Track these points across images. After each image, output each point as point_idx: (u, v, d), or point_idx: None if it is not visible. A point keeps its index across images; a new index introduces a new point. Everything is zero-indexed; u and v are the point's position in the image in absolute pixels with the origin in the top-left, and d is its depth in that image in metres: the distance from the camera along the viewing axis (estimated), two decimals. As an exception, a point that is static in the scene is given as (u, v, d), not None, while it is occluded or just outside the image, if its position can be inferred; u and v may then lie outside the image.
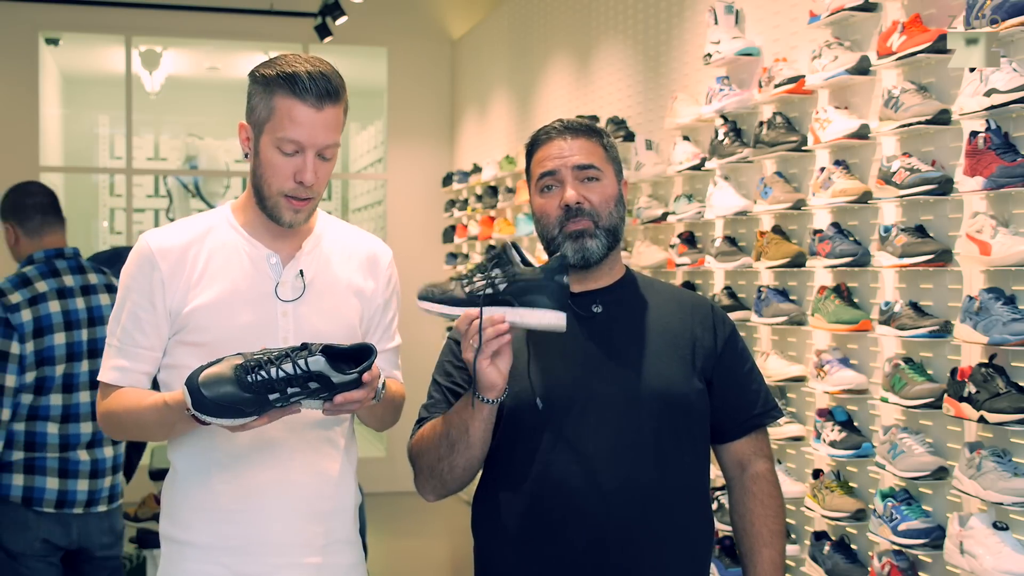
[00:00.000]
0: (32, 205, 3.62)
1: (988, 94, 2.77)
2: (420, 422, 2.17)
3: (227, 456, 2.05)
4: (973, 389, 2.78)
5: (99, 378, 2.10)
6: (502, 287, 1.94)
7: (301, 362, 1.83)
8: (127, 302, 2.07)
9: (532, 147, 2.18)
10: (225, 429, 1.90)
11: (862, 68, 3.39)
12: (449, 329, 3.23)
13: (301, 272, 2.09)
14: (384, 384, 2.04)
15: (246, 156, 2.08)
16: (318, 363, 1.84)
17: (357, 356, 1.90)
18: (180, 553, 2.07)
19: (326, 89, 1.99)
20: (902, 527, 3.05)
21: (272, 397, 1.83)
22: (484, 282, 1.96)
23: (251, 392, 1.82)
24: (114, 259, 3.94)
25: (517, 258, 1.97)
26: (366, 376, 1.89)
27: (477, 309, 1.94)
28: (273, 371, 1.82)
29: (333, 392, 1.87)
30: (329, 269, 2.13)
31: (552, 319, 1.93)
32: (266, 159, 2.03)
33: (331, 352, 1.87)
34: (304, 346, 1.86)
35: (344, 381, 1.86)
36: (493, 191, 7.23)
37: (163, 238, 2.08)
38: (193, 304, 2.04)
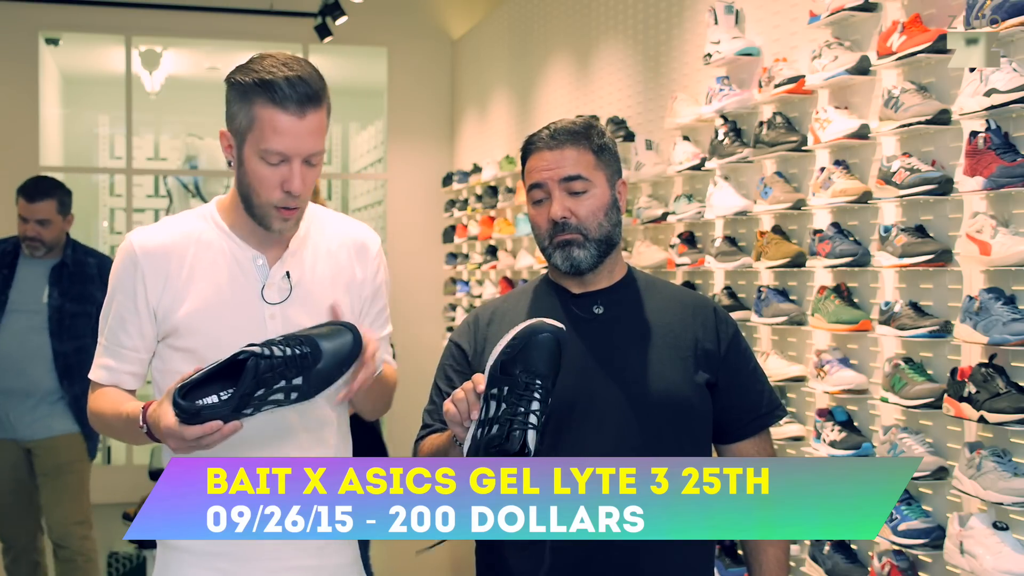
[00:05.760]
0: None
1: (988, 94, 2.77)
2: (424, 428, 2.16)
3: None
4: (973, 389, 2.78)
5: (89, 376, 2.11)
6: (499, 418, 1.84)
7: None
8: (113, 302, 2.06)
9: (524, 154, 2.16)
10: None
11: (862, 68, 3.38)
12: (450, 330, 3.22)
13: (288, 274, 2.06)
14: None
15: (229, 164, 2.03)
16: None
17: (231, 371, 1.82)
18: (176, 559, 2.06)
19: (307, 95, 1.91)
20: (902, 527, 3.05)
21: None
22: (522, 388, 1.85)
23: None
24: None
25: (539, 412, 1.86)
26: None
27: (483, 379, 1.86)
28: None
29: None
30: (317, 266, 2.09)
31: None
32: (252, 170, 1.97)
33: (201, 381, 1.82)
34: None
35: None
36: (493, 191, 7.23)
37: (147, 237, 2.05)
38: (182, 310, 2.01)
